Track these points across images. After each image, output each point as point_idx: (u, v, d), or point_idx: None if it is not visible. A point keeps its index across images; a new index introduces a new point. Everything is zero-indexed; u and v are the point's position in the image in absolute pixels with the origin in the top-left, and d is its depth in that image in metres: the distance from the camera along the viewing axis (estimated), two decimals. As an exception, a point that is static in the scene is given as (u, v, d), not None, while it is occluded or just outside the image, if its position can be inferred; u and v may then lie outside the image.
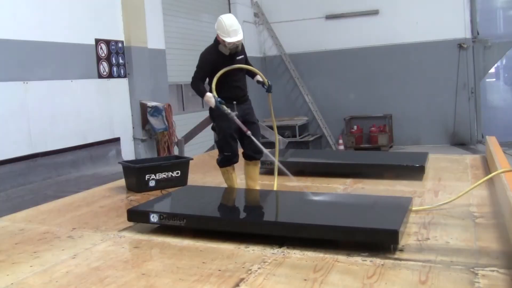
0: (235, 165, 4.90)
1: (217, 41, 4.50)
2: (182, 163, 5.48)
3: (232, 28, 4.34)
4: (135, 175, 5.14)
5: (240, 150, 4.86)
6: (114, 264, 3.14)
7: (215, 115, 4.61)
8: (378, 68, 13.42)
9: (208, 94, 4.45)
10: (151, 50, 9.36)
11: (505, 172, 4.00)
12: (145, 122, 8.88)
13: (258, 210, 4.23)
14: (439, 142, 13.10)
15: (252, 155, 4.74)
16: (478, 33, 12.89)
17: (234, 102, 4.55)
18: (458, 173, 5.51)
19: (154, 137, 9.13)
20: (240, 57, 4.60)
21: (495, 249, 3.11)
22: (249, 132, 4.42)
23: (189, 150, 8.96)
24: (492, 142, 5.98)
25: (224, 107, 4.38)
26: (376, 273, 2.80)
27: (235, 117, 4.39)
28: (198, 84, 4.56)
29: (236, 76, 4.59)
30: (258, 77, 4.71)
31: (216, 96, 4.42)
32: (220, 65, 4.47)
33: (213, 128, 4.82)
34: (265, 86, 4.68)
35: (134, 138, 8.93)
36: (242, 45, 4.62)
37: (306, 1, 13.95)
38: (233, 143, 4.65)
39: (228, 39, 4.34)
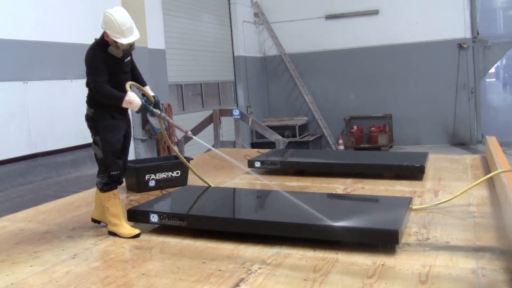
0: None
1: (105, 41, 3.64)
2: (182, 163, 5.47)
3: (126, 27, 3.55)
4: (135, 175, 5.13)
5: None
6: (114, 264, 3.14)
7: (100, 126, 3.71)
8: (378, 68, 13.43)
9: (131, 93, 3.57)
10: (151, 50, 9.35)
11: (505, 172, 3.99)
12: (145, 122, 8.89)
13: (258, 210, 4.22)
14: (439, 142, 13.10)
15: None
16: (478, 33, 12.89)
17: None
18: (458, 173, 5.50)
19: (154, 137, 9.14)
20: (128, 58, 3.84)
21: (495, 249, 3.10)
22: (189, 132, 3.81)
23: (189, 150, 8.95)
24: (492, 142, 5.97)
25: (152, 107, 3.64)
26: (376, 273, 2.80)
27: (167, 117, 3.68)
28: (106, 88, 3.57)
29: (124, 81, 3.77)
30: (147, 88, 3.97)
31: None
32: (111, 70, 3.63)
33: (95, 143, 3.82)
34: (151, 105, 3.80)
35: (134, 138, 8.93)
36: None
37: (306, 1, 13.96)
38: (119, 160, 3.81)
39: (124, 40, 3.55)
